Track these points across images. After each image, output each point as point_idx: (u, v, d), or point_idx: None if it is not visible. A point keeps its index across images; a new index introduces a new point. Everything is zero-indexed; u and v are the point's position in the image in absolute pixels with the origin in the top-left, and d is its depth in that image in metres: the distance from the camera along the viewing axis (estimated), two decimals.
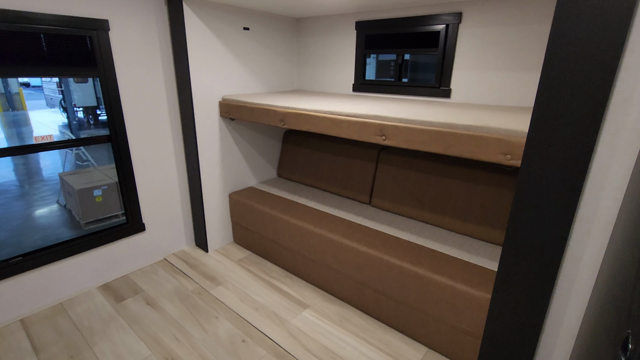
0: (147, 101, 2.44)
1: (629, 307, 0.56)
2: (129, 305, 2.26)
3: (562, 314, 1.29)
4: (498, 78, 2.15)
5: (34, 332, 2.02)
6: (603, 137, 1.08)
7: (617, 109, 1.04)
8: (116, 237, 2.50)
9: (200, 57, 2.44)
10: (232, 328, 2.08)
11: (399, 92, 2.60)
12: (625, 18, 0.95)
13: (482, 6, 2.11)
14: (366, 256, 2.05)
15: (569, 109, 1.09)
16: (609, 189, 1.10)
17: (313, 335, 2.04)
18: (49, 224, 3.44)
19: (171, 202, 2.77)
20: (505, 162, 1.42)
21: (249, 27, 2.70)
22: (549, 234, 1.22)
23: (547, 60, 1.10)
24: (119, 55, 2.23)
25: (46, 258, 2.19)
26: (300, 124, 2.10)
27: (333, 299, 2.36)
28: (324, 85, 3.08)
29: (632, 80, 1.00)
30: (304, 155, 3.04)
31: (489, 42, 2.13)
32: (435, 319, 1.87)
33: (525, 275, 1.31)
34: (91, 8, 2.06)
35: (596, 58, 1.02)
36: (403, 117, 1.69)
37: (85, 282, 2.42)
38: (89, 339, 1.98)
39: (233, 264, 2.75)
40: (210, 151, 2.69)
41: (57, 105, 7.78)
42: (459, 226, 2.18)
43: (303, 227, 2.37)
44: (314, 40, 3.02)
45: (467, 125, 1.49)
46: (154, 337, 2.00)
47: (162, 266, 2.71)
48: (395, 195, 2.46)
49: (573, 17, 1.03)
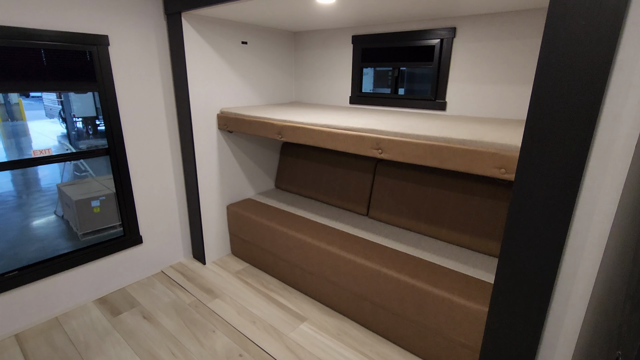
0: (146, 114, 2.46)
1: (619, 327, 0.57)
2: (125, 319, 2.24)
3: (559, 328, 1.29)
4: (493, 91, 2.18)
5: (28, 348, 2.00)
6: (595, 152, 1.10)
7: (608, 124, 1.06)
8: (113, 250, 2.49)
9: (199, 71, 2.47)
10: (229, 342, 2.06)
11: (395, 104, 2.63)
12: (613, 37, 0.98)
13: (475, 21, 2.15)
14: (364, 269, 2.05)
15: (560, 125, 1.11)
16: (601, 204, 1.11)
17: (311, 349, 2.02)
18: (46, 235, 3.42)
19: (169, 214, 2.77)
20: (500, 176, 1.43)
21: (247, 41, 2.74)
22: (544, 248, 1.22)
23: (537, 76, 1.12)
24: (118, 70, 2.25)
25: (42, 272, 2.18)
26: (297, 137, 2.12)
27: (331, 312, 2.34)
28: (321, 98, 3.11)
29: (621, 98, 1.02)
30: (302, 166, 3.06)
31: (483, 56, 2.17)
32: (433, 332, 1.86)
33: (521, 288, 1.31)
34: (91, 24, 2.10)
35: (585, 76, 1.04)
36: (399, 131, 1.71)
37: (81, 296, 2.40)
38: (84, 354, 1.96)
39: (230, 276, 2.73)
40: (208, 163, 2.70)
41: (56, 116, 7.80)
42: (456, 238, 2.19)
43: (301, 239, 2.37)
44: (311, 53, 3.06)
45: (462, 140, 1.51)
46: (149, 352, 1.98)
47: (159, 279, 2.70)
48: (393, 207, 2.47)
49: (561, 36, 1.05)
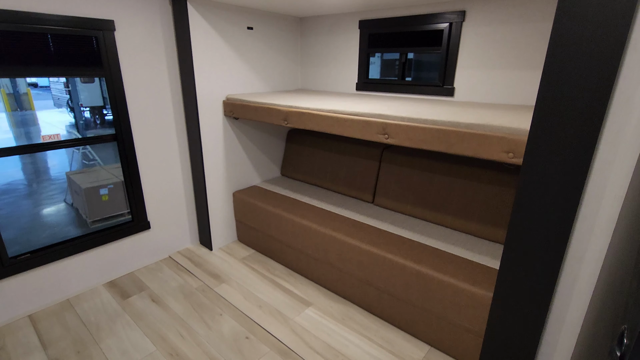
0: (152, 100, 2.47)
1: (626, 302, 0.57)
2: (134, 302, 2.29)
3: (564, 312, 1.29)
4: (502, 76, 2.15)
5: (41, 328, 2.06)
6: (605, 136, 1.08)
7: (620, 108, 1.04)
8: (122, 235, 2.53)
9: (205, 57, 2.46)
10: (235, 325, 2.10)
11: (403, 90, 2.60)
12: (627, 16, 0.95)
13: (485, 4, 2.10)
14: (369, 255, 2.06)
15: (570, 108, 1.09)
16: (610, 187, 1.10)
17: (316, 333, 2.05)
18: (57, 222, 3.49)
19: (176, 200, 2.80)
20: (508, 160, 1.42)
21: (252, 26, 2.71)
22: (551, 232, 1.22)
23: (548, 58, 1.10)
24: (124, 55, 2.26)
25: (53, 255, 2.23)
26: (303, 122, 2.11)
27: (336, 297, 2.37)
28: (327, 85, 3.09)
29: (634, 79, 1.00)
30: (308, 154, 3.05)
31: (492, 41, 2.13)
32: (437, 317, 1.88)
33: (527, 273, 1.31)
34: (97, 9, 2.09)
35: (597, 57, 1.01)
36: (405, 116, 1.69)
37: (91, 279, 2.45)
38: (95, 334, 2.02)
39: (237, 262, 2.77)
40: (215, 150, 2.71)
41: (64, 105, 7.87)
42: (461, 225, 2.18)
43: (306, 226, 2.39)
44: (317, 39, 3.03)
45: (470, 124, 1.50)
46: (159, 334, 2.03)
47: (167, 264, 2.74)
48: (399, 194, 2.46)
49: (574, 16, 1.02)
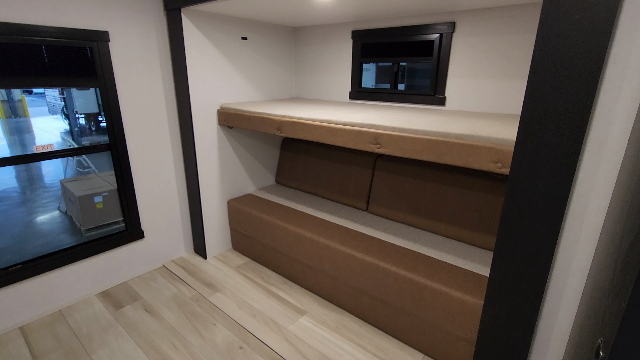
0: (147, 110, 2.48)
1: (603, 314, 0.58)
2: (127, 313, 2.28)
3: (553, 320, 1.30)
4: (492, 86, 2.18)
5: (33, 340, 2.04)
6: (589, 146, 1.10)
7: (602, 118, 1.06)
8: (115, 244, 2.52)
9: (199, 66, 2.48)
10: (229, 335, 2.09)
11: (395, 99, 2.64)
12: (606, 32, 0.98)
13: (475, 16, 2.14)
14: (363, 263, 2.07)
15: (554, 119, 1.11)
16: (595, 197, 1.12)
17: (310, 341, 2.05)
18: (50, 231, 3.46)
19: (170, 209, 2.80)
20: (497, 170, 1.44)
21: (247, 36, 2.74)
22: (539, 241, 1.23)
23: (532, 71, 1.12)
24: (118, 66, 2.27)
25: (46, 265, 2.21)
26: (296, 132, 2.13)
27: (330, 306, 2.37)
28: (321, 93, 3.12)
29: (614, 92, 1.03)
30: (302, 162, 3.07)
31: (482, 51, 2.17)
32: (430, 325, 1.89)
33: (516, 281, 1.33)
34: (91, 20, 2.11)
35: (580, 70, 1.04)
36: (396, 126, 1.72)
37: (84, 289, 2.44)
38: (87, 346, 2.00)
39: (231, 271, 2.76)
40: (209, 158, 2.72)
41: (59, 112, 7.84)
42: (454, 232, 2.20)
43: (301, 234, 2.39)
44: (311, 49, 3.06)
45: (459, 134, 1.52)
46: (151, 344, 2.02)
47: (161, 273, 2.73)
48: (392, 202, 2.48)
49: (556, 30, 1.05)
